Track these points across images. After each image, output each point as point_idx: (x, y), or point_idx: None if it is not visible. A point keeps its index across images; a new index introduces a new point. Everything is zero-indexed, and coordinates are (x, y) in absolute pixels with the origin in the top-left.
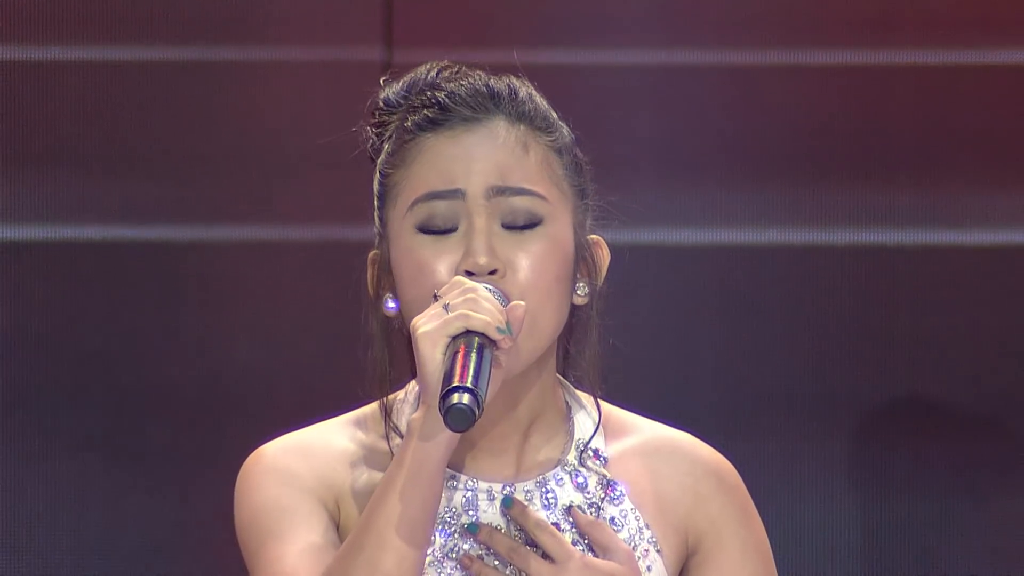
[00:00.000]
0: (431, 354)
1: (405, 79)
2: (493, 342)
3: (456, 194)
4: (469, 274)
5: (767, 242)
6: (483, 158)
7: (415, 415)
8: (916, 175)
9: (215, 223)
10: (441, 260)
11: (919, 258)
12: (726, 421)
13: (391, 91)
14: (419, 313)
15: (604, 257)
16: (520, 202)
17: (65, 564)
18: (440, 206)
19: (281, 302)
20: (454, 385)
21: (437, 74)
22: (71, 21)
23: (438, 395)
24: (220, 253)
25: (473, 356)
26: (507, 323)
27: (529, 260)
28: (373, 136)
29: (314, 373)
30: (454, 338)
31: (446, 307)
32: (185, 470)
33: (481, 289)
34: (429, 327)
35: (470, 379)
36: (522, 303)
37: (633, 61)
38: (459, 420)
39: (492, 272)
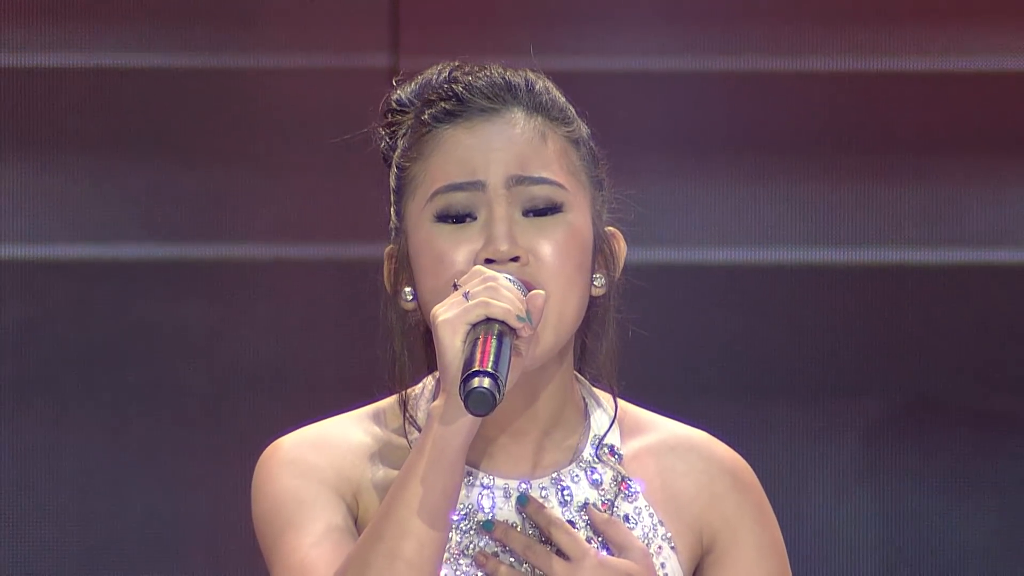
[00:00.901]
0: (451, 342)
1: (417, 80)
2: (513, 330)
3: (476, 185)
4: (489, 262)
5: (774, 259)
6: (502, 148)
7: (435, 403)
8: (922, 186)
9: (219, 228)
10: (460, 249)
11: (926, 270)
12: (732, 421)
13: (404, 92)
14: (438, 303)
15: (621, 249)
16: (540, 190)
17: (72, 558)
18: (460, 196)
19: (289, 301)
20: (475, 370)
21: (450, 73)
22: (77, 23)
23: (458, 381)
24: (225, 255)
25: (493, 343)
26: (527, 312)
27: (552, 247)
28: (385, 137)
29: (322, 370)
30: (474, 326)
31: (466, 295)
32: (191, 466)
33: (501, 278)
34: (449, 315)
35: (490, 364)
36: (542, 292)
37: (639, 67)
38: (480, 404)
39: (514, 259)
